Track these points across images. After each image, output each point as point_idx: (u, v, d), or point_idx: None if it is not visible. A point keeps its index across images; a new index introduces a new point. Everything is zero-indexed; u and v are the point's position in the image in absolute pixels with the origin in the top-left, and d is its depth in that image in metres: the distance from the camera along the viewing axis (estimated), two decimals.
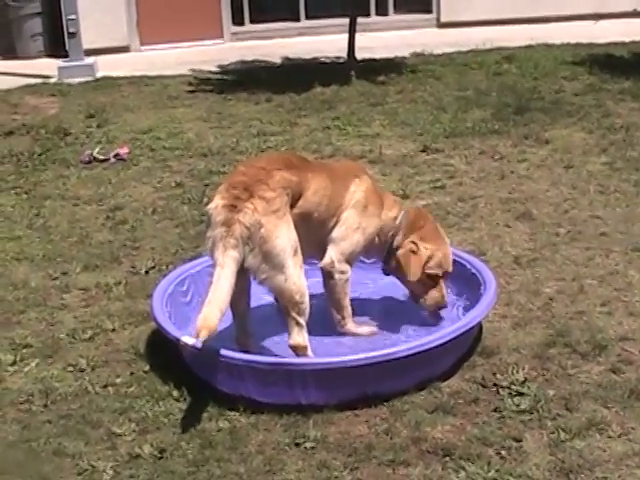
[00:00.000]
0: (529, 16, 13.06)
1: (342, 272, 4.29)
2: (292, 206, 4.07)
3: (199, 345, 3.71)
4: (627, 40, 11.69)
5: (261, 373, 3.84)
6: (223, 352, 3.89)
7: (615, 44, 11.54)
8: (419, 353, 3.84)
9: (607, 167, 6.84)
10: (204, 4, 13.17)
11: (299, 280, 3.99)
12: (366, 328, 4.43)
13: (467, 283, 4.56)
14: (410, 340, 4.12)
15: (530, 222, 5.83)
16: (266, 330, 4.37)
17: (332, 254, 4.29)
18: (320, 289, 4.40)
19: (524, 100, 8.80)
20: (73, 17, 11.30)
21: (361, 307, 4.56)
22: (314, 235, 4.24)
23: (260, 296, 4.47)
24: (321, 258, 4.31)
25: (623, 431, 3.62)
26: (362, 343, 4.25)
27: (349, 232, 4.29)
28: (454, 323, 4.15)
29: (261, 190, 3.94)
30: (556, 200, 6.22)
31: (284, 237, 3.94)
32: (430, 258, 4.35)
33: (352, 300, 4.43)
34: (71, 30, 11.35)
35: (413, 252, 4.34)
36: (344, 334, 4.37)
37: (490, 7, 13.13)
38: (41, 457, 3.64)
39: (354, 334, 4.37)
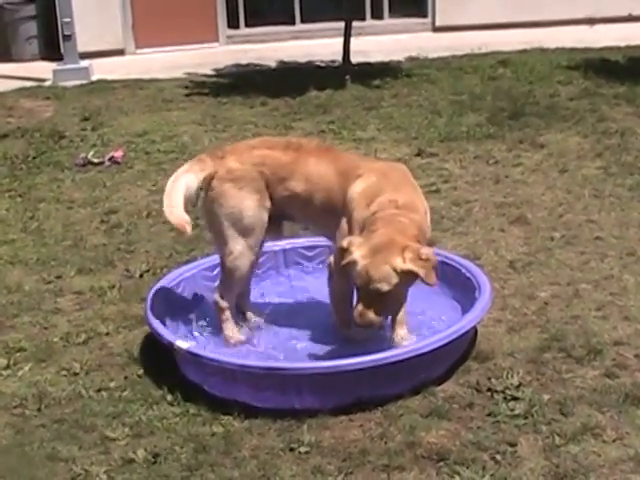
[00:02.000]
0: (524, 20, 13.06)
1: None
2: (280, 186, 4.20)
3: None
4: (622, 44, 11.70)
5: (255, 377, 3.83)
6: (217, 356, 3.88)
7: (610, 48, 11.55)
8: (413, 357, 3.84)
9: (602, 171, 6.84)
10: (199, 7, 13.15)
11: (240, 258, 4.19)
12: (361, 332, 4.30)
13: (462, 287, 4.55)
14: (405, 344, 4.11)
15: (525, 226, 5.83)
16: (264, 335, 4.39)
17: (333, 258, 4.22)
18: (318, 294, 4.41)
19: (519, 104, 8.80)
20: (68, 20, 11.30)
21: None
22: (323, 220, 4.27)
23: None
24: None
25: (618, 436, 3.62)
26: (356, 347, 4.23)
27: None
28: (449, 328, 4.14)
29: (228, 159, 4.20)
30: (551, 204, 6.22)
31: (231, 206, 4.14)
32: (352, 264, 3.88)
33: None
34: (66, 33, 11.34)
35: (342, 249, 3.95)
36: (343, 338, 4.32)
37: (485, 11, 13.14)
38: (34, 461, 3.63)
39: (349, 337, 4.30)
